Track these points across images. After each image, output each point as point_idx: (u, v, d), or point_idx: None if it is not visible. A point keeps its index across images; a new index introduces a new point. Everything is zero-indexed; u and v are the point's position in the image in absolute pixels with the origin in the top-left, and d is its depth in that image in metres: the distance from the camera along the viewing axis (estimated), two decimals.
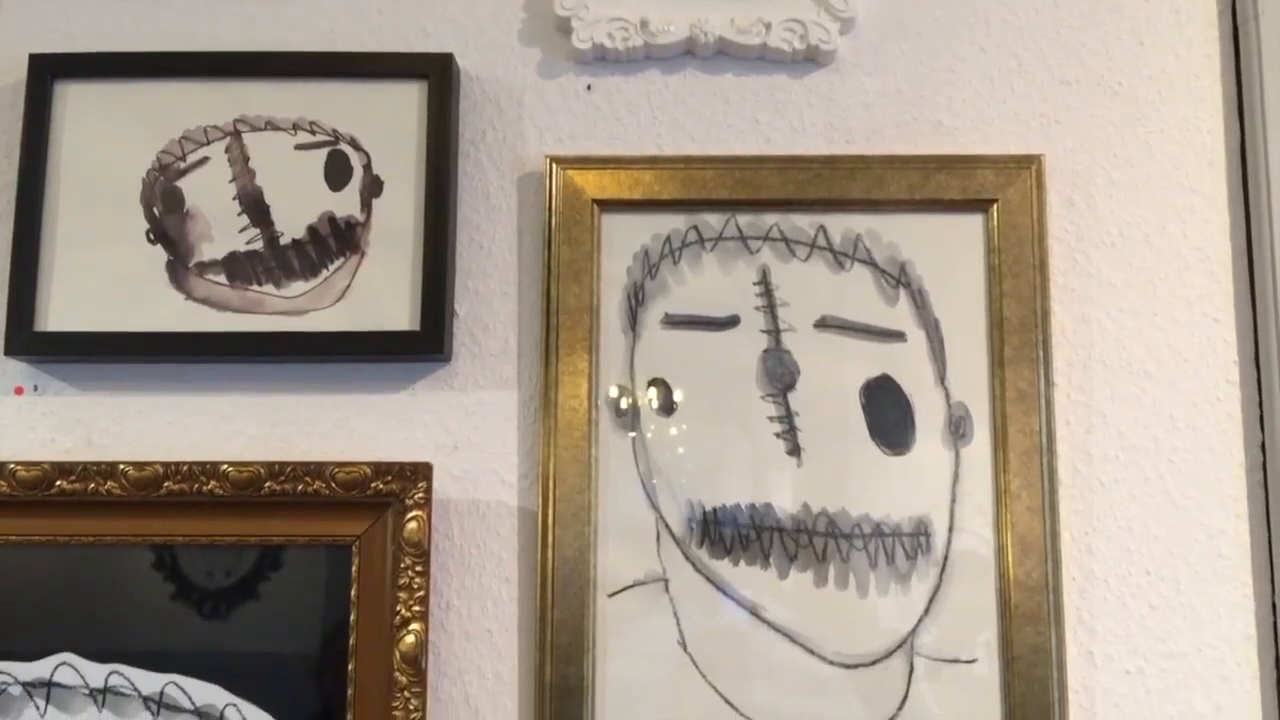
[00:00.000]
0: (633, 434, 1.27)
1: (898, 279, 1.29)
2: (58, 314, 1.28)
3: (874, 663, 1.23)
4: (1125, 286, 1.29)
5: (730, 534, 1.26)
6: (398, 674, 1.19)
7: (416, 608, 1.20)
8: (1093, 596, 1.24)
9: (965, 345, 1.28)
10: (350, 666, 1.20)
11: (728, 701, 1.23)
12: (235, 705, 1.20)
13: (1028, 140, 1.32)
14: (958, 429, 1.27)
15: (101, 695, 1.20)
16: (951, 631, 1.23)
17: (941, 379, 1.27)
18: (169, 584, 1.22)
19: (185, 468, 1.22)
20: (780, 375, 1.28)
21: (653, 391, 1.28)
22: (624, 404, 1.28)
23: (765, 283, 1.30)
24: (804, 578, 1.25)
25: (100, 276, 1.29)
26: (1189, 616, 1.24)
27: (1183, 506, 1.26)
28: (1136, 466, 1.26)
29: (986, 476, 1.25)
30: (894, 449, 1.27)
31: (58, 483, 1.22)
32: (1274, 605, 1.23)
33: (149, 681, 1.20)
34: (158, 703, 1.20)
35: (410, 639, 1.20)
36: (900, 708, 1.22)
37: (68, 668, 1.20)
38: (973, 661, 1.23)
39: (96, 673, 1.20)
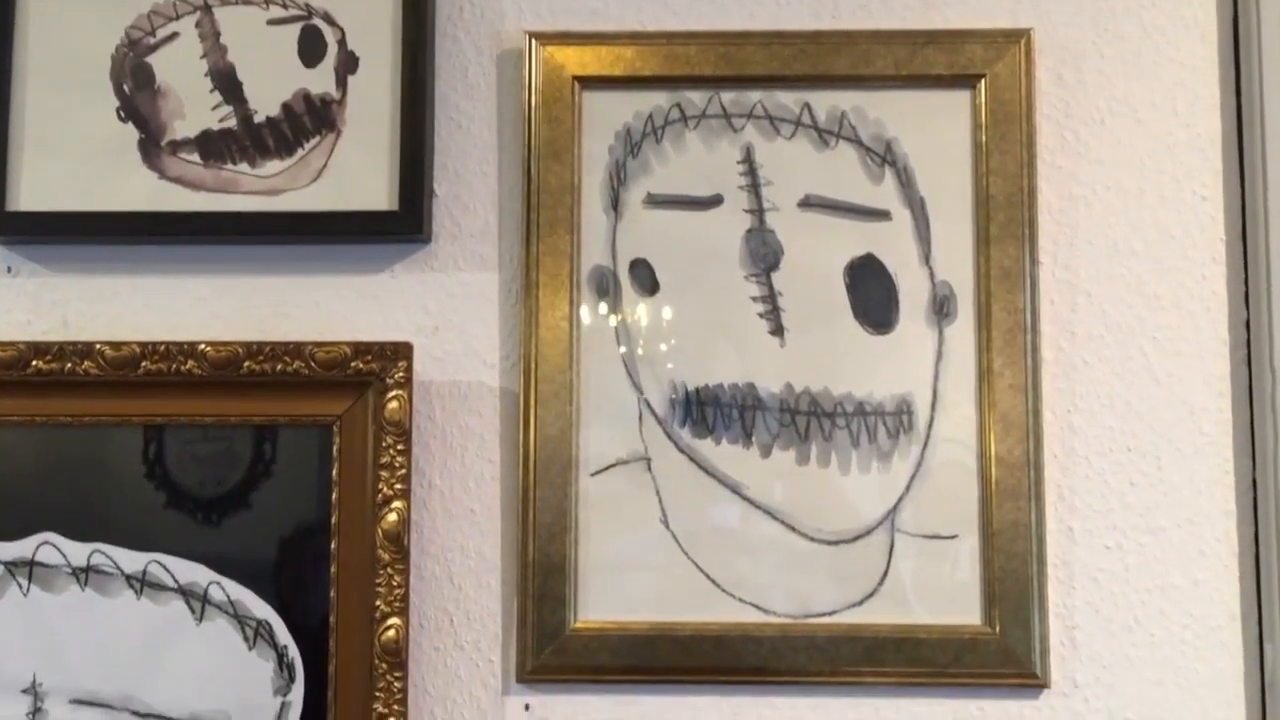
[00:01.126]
0: (615, 314, 1.26)
1: (883, 157, 1.27)
2: (29, 194, 1.26)
3: (855, 539, 1.24)
4: (1113, 163, 1.28)
5: (713, 413, 1.25)
6: (380, 551, 1.20)
7: (399, 486, 1.20)
8: (1074, 473, 1.24)
9: (950, 224, 1.26)
10: (333, 544, 1.20)
11: (709, 578, 1.23)
12: (219, 583, 1.20)
13: (1017, 14, 1.29)
14: (941, 308, 1.26)
15: (84, 574, 1.20)
16: (932, 508, 1.23)
17: (926, 258, 1.26)
18: (151, 466, 1.22)
19: (163, 348, 1.21)
20: (764, 255, 1.27)
21: (635, 272, 1.27)
22: (606, 284, 1.27)
23: (749, 161, 1.28)
24: (786, 456, 1.25)
25: (72, 155, 1.26)
26: (1169, 493, 1.24)
27: (1165, 384, 1.25)
28: (1120, 345, 1.26)
29: (969, 355, 1.25)
30: (877, 328, 1.26)
31: (34, 363, 1.20)
32: (1254, 481, 1.24)
33: (131, 560, 1.20)
34: (140, 581, 1.20)
35: (393, 517, 1.20)
36: (881, 583, 1.23)
37: (49, 547, 1.20)
38: (953, 537, 1.23)
39: (78, 552, 1.20)
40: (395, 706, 1.18)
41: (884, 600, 1.23)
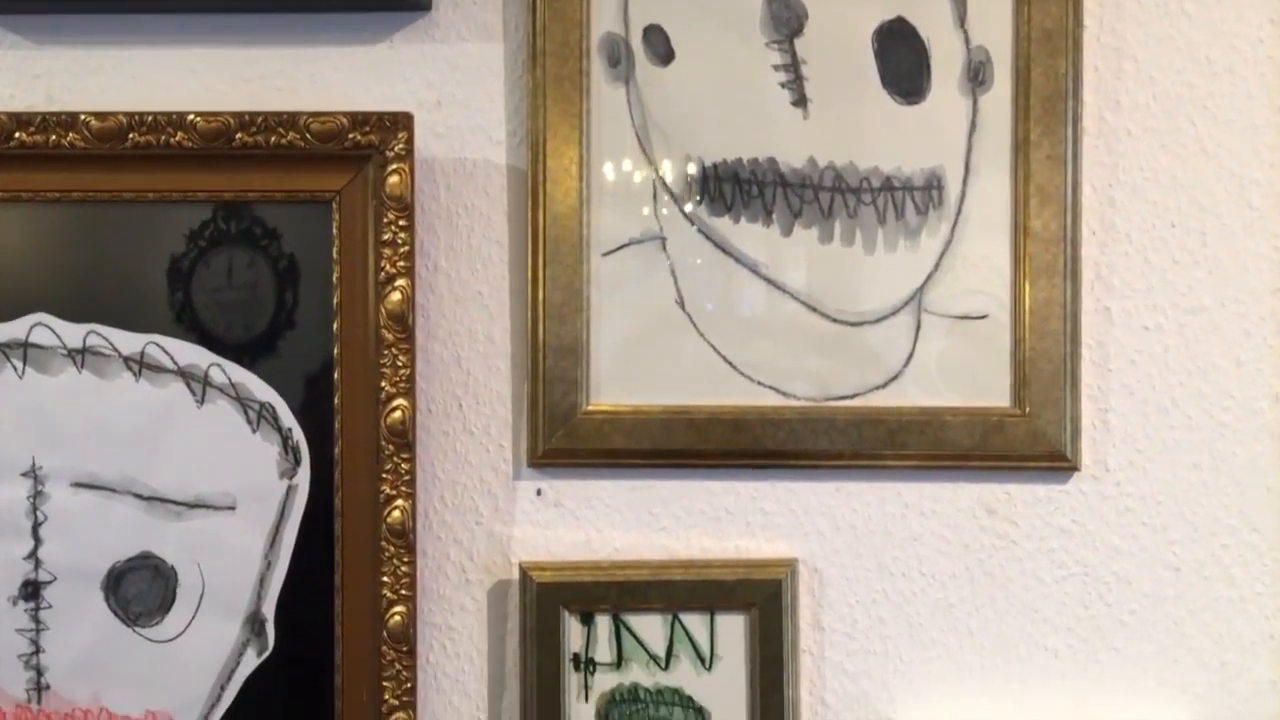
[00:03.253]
0: (627, 85, 1.19)
1: None
2: None
3: (879, 320, 1.18)
4: None
5: (731, 190, 1.19)
6: (384, 332, 1.15)
7: (401, 264, 1.15)
8: (1113, 251, 1.18)
9: None
10: (335, 325, 1.16)
11: (726, 360, 1.18)
12: (219, 366, 1.16)
13: None
14: (976, 75, 1.17)
15: (80, 356, 1.16)
16: (962, 287, 1.17)
17: (961, 20, 1.17)
18: (144, 243, 1.17)
19: (150, 119, 1.14)
20: (786, 20, 1.18)
21: (648, 39, 1.19)
22: (617, 53, 1.19)
23: None
24: (808, 234, 1.18)
25: None
26: (1213, 270, 1.18)
27: (1214, 155, 1.18)
28: (1167, 114, 1.18)
29: (1005, 125, 1.17)
30: (907, 98, 1.18)
31: (16, 134, 1.14)
32: None
33: (128, 342, 1.16)
34: (139, 363, 1.16)
35: (396, 296, 1.15)
36: (905, 365, 1.18)
37: (43, 328, 1.16)
38: (983, 318, 1.17)
39: (73, 333, 1.16)
40: (403, 489, 1.15)
41: (908, 383, 1.18)
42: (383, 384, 1.15)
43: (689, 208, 1.19)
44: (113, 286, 1.17)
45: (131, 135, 1.14)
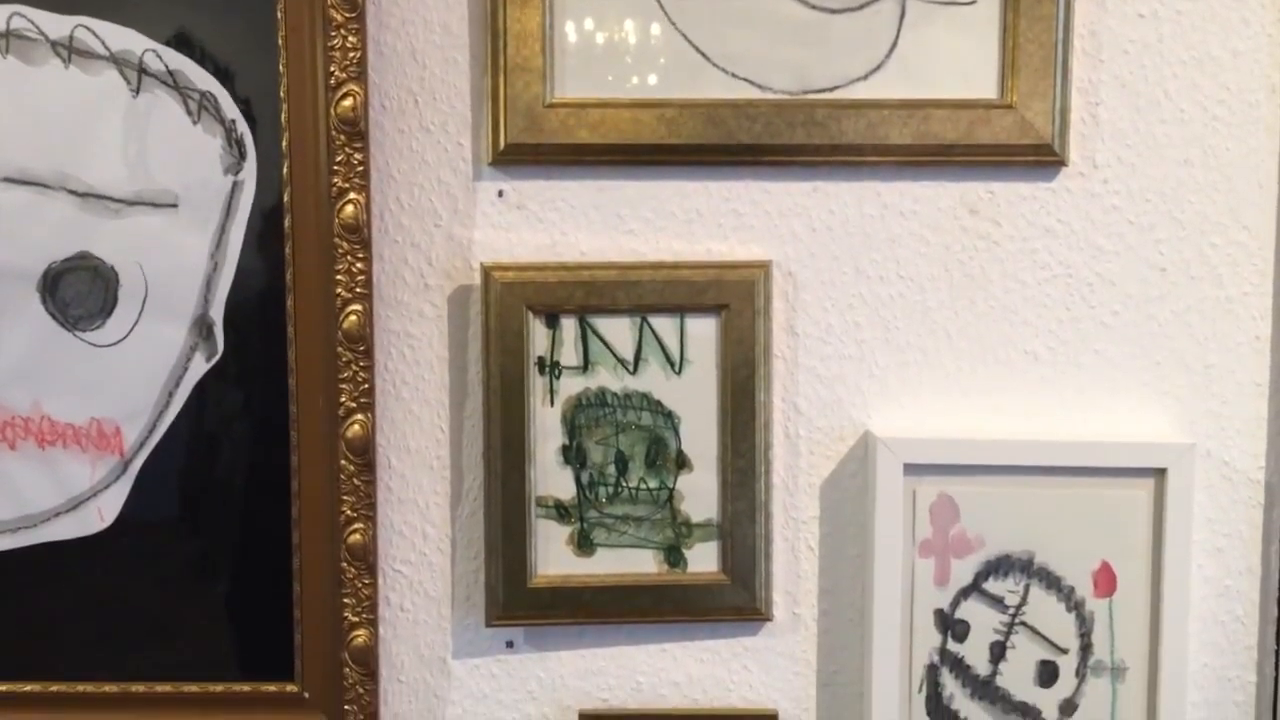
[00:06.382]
0: None
1: None
2: None
3: (861, 7, 1.11)
4: None
5: None
6: (331, 11, 1.07)
7: None
8: None
9: None
10: (279, 8, 1.07)
11: (699, 50, 1.11)
12: (155, 52, 1.08)
13: None
14: None
15: (4, 40, 1.08)
16: None
17: None
18: None
19: None
20: None
21: None
22: None
23: None
24: None
25: None
26: None
27: None
28: None
29: None
30: None
31: None
32: None
33: (55, 25, 1.08)
34: (68, 48, 1.08)
35: None
36: (888, 55, 1.11)
37: None
38: (971, 3, 1.11)
39: None
40: (356, 181, 1.08)
41: (891, 73, 1.11)
42: (332, 69, 1.08)
43: None
44: None
45: None
